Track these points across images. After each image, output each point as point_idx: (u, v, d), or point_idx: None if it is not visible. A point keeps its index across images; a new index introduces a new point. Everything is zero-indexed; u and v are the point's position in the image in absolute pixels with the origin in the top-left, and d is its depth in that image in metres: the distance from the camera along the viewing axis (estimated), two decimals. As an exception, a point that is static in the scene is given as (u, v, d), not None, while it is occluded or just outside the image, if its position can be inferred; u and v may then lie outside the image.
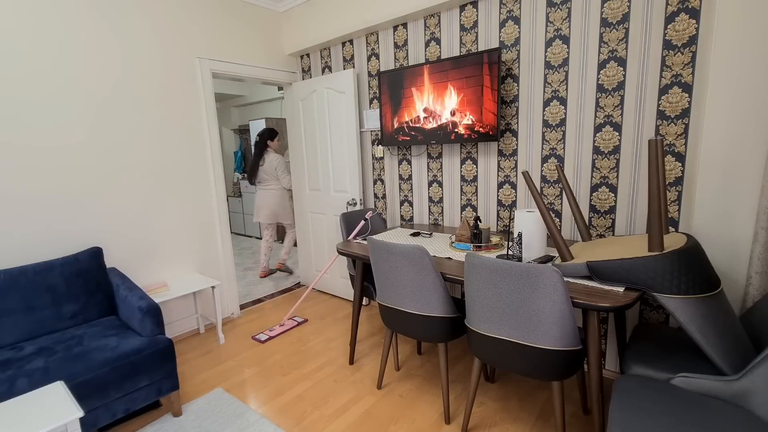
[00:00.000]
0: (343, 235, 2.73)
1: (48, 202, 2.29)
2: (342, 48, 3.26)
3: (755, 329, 1.51)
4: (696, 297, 1.36)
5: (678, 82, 1.86)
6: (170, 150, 2.82)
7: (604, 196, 2.14)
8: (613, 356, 2.24)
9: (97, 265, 2.28)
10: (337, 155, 3.34)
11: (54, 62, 2.27)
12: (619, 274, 1.49)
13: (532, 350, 1.54)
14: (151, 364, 1.91)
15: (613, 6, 1.97)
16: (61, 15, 2.28)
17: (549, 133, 2.29)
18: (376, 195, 3.32)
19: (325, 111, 3.35)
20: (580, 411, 2.00)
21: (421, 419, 1.98)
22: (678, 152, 1.91)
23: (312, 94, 3.42)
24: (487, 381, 2.27)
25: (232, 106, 7.00)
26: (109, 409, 1.80)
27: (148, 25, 2.65)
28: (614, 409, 1.28)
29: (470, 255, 1.60)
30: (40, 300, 2.05)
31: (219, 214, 3.13)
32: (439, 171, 2.85)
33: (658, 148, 1.41)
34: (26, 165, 2.20)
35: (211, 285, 2.75)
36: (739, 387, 1.26)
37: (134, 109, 2.62)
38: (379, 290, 2.06)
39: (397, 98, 2.81)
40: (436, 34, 2.67)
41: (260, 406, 2.13)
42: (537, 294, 1.45)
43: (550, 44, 2.20)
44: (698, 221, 1.77)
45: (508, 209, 2.54)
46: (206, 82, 2.97)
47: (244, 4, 3.21)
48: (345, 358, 2.59)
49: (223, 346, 2.82)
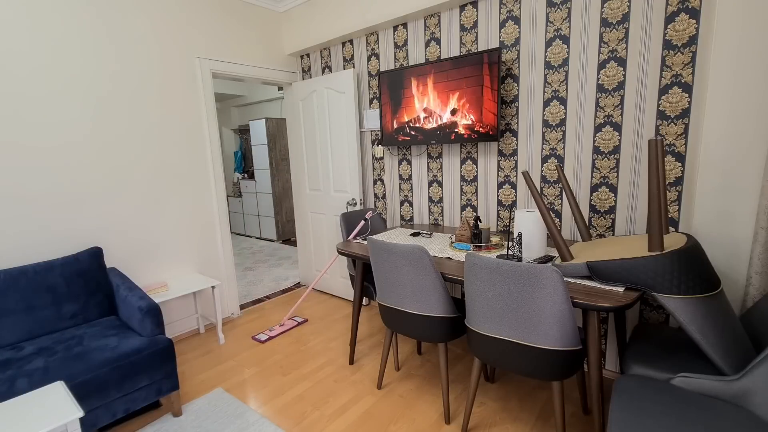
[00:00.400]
0: (343, 235, 2.73)
1: (48, 202, 2.29)
2: (342, 48, 3.26)
3: (755, 329, 1.51)
4: (696, 297, 1.36)
5: (678, 82, 1.86)
6: (170, 150, 2.82)
7: (604, 196, 2.14)
8: (613, 356, 2.23)
9: (97, 265, 2.28)
10: (337, 155, 3.34)
11: (54, 62, 2.27)
12: (619, 274, 1.49)
13: (532, 350, 1.54)
14: (151, 364, 1.91)
15: (613, 6, 1.97)
16: (60, 15, 2.28)
17: (549, 133, 2.29)
18: (376, 195, 3.31)
19: (325, 111, 3.35)
20: (580, 411, 2.00)
21: (421, 419, 1.98)
22: (678, 152, 1.90)
23: (312, 94, 3.42)
24: (487, 381, 2.27)
25: (232, 106, 7.00)
26: (109, 409, 1.80)
27: (148, 25, 2.65)
28: (614, 409, 1.28)
29: (470, 255, 1.60)
30: (40, 300, 2.05)
31: (219, 214, 3.13)
32: (439, 171, 2.85)
33: (658, 148, 1.41)
34: (26, 165, 2.20)
35: (211, 285, 2.75)
36: (739, 387, 1.26)
37: (134, 109, 2.62)
38: (379, 290, 2.06)
39: (397, 98, 2.81)
40: (436, 34, 2.67)
41: (260, 406, 2.13)
42: (537, 294, 1.45)
43: (550, 44, 2.20)
44: (698, 221, 1.77)
45: (508, 209, 2.54)
46: (206, 82, 2.97)
47: (244, 4, 3.21)
48: (345, 358, 2.59)
49: (223, 346, 2.82)
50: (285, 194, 6.00)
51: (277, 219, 5.94)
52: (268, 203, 5.99)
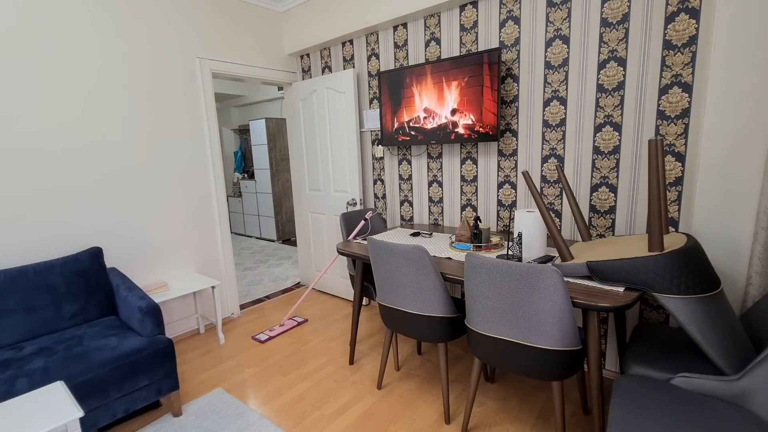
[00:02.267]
0: (343, 235, 2.73)
1: (48, 203, 2.29)
2: (342, 48, 3.26)
3: (755, 329, 1.51)
4: (696, 297, 1.36)
5: (678, 82, 1.86)
6: (170, 150, 2.82)
7: (604, 196, 2.14)
8: (613, 356, 2.23)
9: (97, 265, 2.28)
10: (337, 155, 3.34)
11: (54, 62, 2.27)
12: (619, 274, 1.49)
13: (532, 350, 1.54)
14: (151, 364, 1.91)
15: (613, 6, 1.97)
16: (60, 15, 2.27)
17: (549, 133, 2.29)
18: (376, 195, 3.31)
19: (325, 111, 3.35)
20: (580, 411, 2.00)
21: (421, 419, 1.98)
22: (678, 152, 1.90)
23: (312, 94, 3.42)
24: (487, 381, 2.27)
25: (232, 106, 7.00)
26: (109, 409, 1.80)
27: (148, 25, 2.65)
28: (614, 409, 1.28)
29: (470, 255, 1.60)
30: (40, 300, 2.05)
31: (219, 214, 3.13)
32: (439, 171, 2.85)
33: (658, 148, 1.41)
34: (27, 165, 2.20)
35: (211, 285, 2.75)
36: (739, 387, 1.26)
37: (134, 109, 2.62)
38: (379, 290, 2.06)
39: (397, 98, 2.81)
40: (436, 34, 2.67)
41: (260, 406, 2.13)
42: (537, 294, 1.45)
43: (550, 44, 2.20)
44: (698, 221, 1.77)
45: (508, 209, 2.54)
46: (206, 82, 2.97)
47: (244, 4, 3.21)
48: (345, 358, 2.59)
49: (223, 346, 2.82)
50: (285, 194, 6.00)
51: (277, 219, 5.94)
52: (268, 203, 5.99)
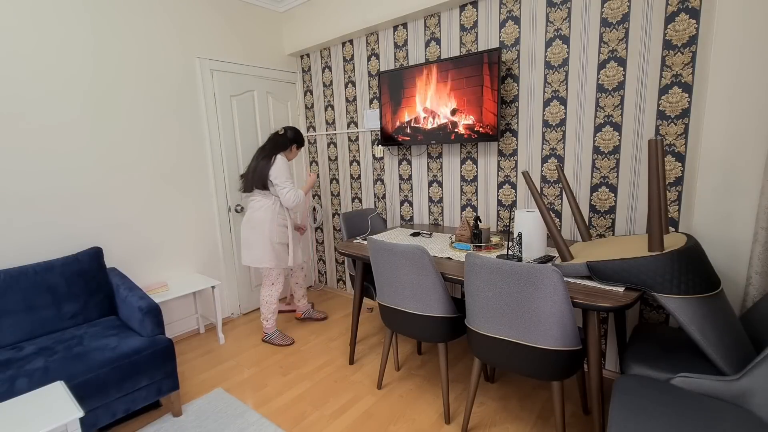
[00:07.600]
0: (343, 235, 2.73)
1: (48, 202, 2.28)
2: (342, 48, 3.26)
3: (755, 329, 1.51)
4: (696, 297, 1.36)
5: (678, 82, 1.86)
6: (170, 150, 2.82)
7: (604, 196, 2.14)
8: (613, 356, 2.23)
9: (98, 265, 2.28)
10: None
11: (53, 62, 2.27)
12: (619, 274, 1.49)
13: (532, 350, 1.54)
14: (151, 364, 1.91)
15: (613, 6, 1.97)
16: (60, 15, 2.27)
17: (549, 133, 2.29)
18: (376, 195, 3.31)
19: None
20: (580, 411, 2.00)
21: (421, 419, 1.98)
22: (678, 152, 1.90)
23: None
24: (487, 381, 2.27)
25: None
26: (109, 409, 1.80)
27: (148, 26, 2.65)
28: (614, 409, 1.28)
29: (470, 255, 1.60)
30: (41, 300, 2.05)
31: (219, 214, 3.13)
32: (439, 171, 2.85)
33: (658, 148, 1.41)
34: (27, 165, 2.20)
35: (211, 285, 2.75)
36: (739, 387, 1.26)
37: (134, 109, 2.62)
38: (379, 290, 2.06)
39: (397, 98, 2.81)
40: (436, 34, 2.66)
41: (260, 406, 2.13)
42: (537, 294, 1.45)
43: (550, 44, 2.20)
44: (698, 221, 1.77)
45: (508, 209, 2.54)
46: (206, 82, 2.97)
47: (245, 5, 3.20)
48: (345, 358, 2.59)
49: (223, 346, 2.82)
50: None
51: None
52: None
